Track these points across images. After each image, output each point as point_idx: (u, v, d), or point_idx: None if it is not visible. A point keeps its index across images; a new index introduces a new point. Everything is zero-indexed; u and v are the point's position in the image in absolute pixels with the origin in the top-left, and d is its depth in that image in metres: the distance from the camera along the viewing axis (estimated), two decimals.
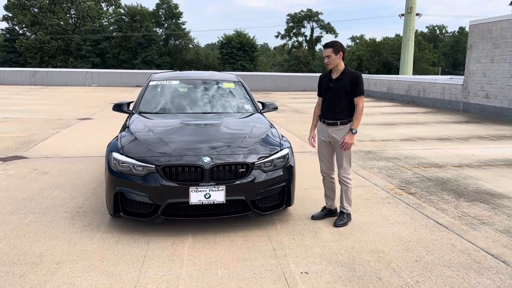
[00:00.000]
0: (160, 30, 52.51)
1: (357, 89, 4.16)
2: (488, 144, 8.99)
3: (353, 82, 4.15)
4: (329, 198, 4.49)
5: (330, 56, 4.16)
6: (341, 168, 4.30)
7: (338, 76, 4.23)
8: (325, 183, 4.51)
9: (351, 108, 4.22)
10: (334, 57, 4.16)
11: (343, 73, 4.22)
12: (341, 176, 4.32)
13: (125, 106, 5.56)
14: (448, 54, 73.14)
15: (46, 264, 3.35)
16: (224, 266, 3.38)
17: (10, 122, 10.90)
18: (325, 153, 4.42)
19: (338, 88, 4.20)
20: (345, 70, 4.24)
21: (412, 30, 35.56)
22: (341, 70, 4.24)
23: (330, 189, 4.48)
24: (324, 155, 4.42)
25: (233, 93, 5.89)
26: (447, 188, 5.63)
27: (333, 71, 4.29)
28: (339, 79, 4.21)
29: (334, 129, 4.25)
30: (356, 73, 4.23)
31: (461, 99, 15.32)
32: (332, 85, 4.25)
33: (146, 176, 3.82)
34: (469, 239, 3.98)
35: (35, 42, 46.47)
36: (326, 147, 4.39)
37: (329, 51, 4.15)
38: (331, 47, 4.17)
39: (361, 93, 4.18)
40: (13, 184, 5.49)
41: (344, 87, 4.17)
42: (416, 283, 3.15)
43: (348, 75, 4.19)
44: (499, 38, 13.44)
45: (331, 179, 4.47)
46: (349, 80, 4.16)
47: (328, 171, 4.45)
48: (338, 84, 4.21)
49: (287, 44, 61.73)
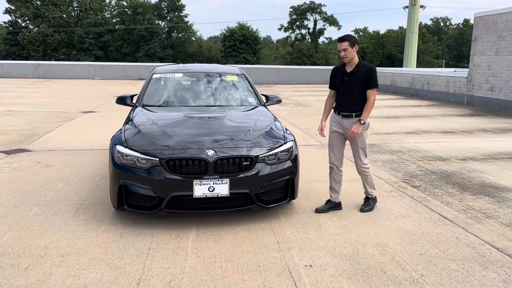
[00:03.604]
0: (162, 22, 52.36)
1: (371, 81, 4.21)
2: (492, 137, 8.94)
3: (367, 75, 4.19)
4: (334, 191, 4.49)
5: (347, 49, 4.17)
6: (358, 160, 4.42)
7: (353, 69, 4.26)
8: (332, 175, 4.50)
9: (365, 100, 4.27)
10: (350, 50, 4.18)
11: (357, 66, 4.25)
12: (359, 167, 4.44)
13: (129, 99, 5.55)
14: (452, 46, 72.67)
15: (51, 256, 3.36)
16: (228, 259, 3.38)
17: (14, 115, 10.91)
18: (336, 144, 4.45)
19: (353, 82, 4.24)
20: (360, 63, 4.27)
21: (416, 23, 35.23)
22: (355, 63, 4.26)
23: (337, 181, 4.48)
24: (335, 146, 4.45)
25: (237, 86, 5.86)
26: (451, 182, 5.61)
27: (348, 64, 4.30)
28: (354, 73, 4.24)
29: (349, 121, 4.31)
30: (370, 66, 4.27)
31: (466, 92, 15.23)
32: (347, 78, 4.28)
33: (150, 169, 3.81)
34: (474, 232, 3.96)
35: (38, 35, 46.42)
36: (338, 138, 4.43)
37: (346, 44, 4.16)
38: (348, 40, 4.18)
39: (374, 86, 4.23)
40: (17, 177, 5.50)
41: (360, 80, 4.21)
42: (420, 277, 3.14)
43: (363, 68, 4.22)
44: (504, 30, 13.32)
45: (339, 171, 4.48)
46: (364, 73, 4.20)
47: (337, 162, 4.46)
48: (353, 78, 4.24)
49: (290, 36, 61.46)
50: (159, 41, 48.56)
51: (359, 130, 4.23)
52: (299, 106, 14.34)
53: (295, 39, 60.65)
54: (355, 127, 4.22)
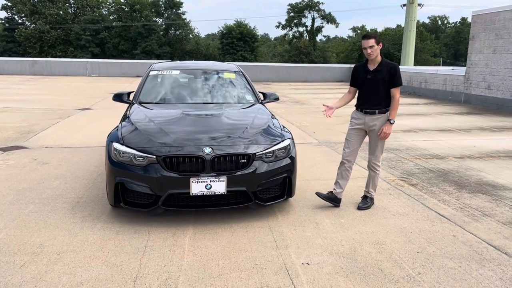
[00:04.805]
0: (160, 20, 52.20)
1: (395, 80, 4.22)
2: (489, 135, 8.96)
3: (391, 74, 4.20)
4: (339, 186, 4.48)
5: (373, 46, 4.16)
6: (373, 156, 4.43)
7: (376, 67, 4.25)
8: (341, 170, 4.49)
9: (389, 98, 4.28)
10: (376, 47, 4.18)
11: (380, 64, 4.25)
12: (372, 163, 4.45)
13: (125, 96, 5.52)
14: (450, 45, 72.79)
15: (47, 254, 3.34)
16: (225, 257, 3.37)
17: (10, 112, 10.85)
18: (354, 140, 4.44)
19: (377, 80, 4.24)
20: (383, 61, 4.27)
21: (414, 21, 35.26)
22: (379, 61, 4.26)
23: (344, 178, 4.48)
24: (352, 142, 4.44)
25: (234, 83, 5.84)
26: (448, 180, 5.61)
27: (370, 62, 4.30)
28: (378, 71, 4.24)
29: (373, 117, 4.32)
30: (394, 64, 4.27)
31: (463, 90, 15.25)
32: (370, 77, 4.28)
33: (147, 167, 3.79)
34: (471, 230, 3.97)
35: (35, 31, 46.21)
36: (358, 134, 4.44)
37: (372, 41, 4.16)
38: (374, 37, 4.19)
39: (399, 84, 4.25)
40: (13, 174, 5.47)
41: (383, 78, 4.21)
42: (418, 275, 3.14)
43: (386, 66, 4.23)
44: (502, 29, 13.33)
45: (350, 168, 4.48)
46: (388, 71, 4.20)
47: (350, 157, 4.45)
48: (376, 76, 4.24)
49: (288, 34, 61.36)
50: (157, 38, 48.43)
51: (390, 130, 4.27)
52: (296, 104, 14.32)
53: (293, 36, 60.59)
54: (386, 127, 4.25)
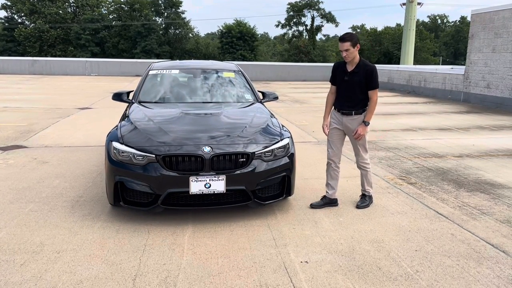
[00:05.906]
0: (159, 19, 52.13)
1: (371, 83, 4.20)
2: (488, 134, 8.97)
3: (367, 76, 4.18)
4: (331, 187, 4.50)
5: (348, 49, 4.13)
6: (359, 156, 4.46)
7: (353, 69, 4.24)
8: (329, 171, 4.51)
9: (366, 99, 4.28)
10: (352, 50, 4.15)
11: (358, 66, 4.22)
12: (359, 163, 4.48)
13: (125, 96, 5.53)
14: (449, 44, 72.79)
15: (47, 253, 3.36)
16: (224, 255, 3.39)
17: (10, 111, 10.86)
18: (335, 139, 4.46)
19: (353, 81, 4.24)
20: (360, 62, 4.24)
21: (413, 20, 35.24)
22: (356, 63, 4.24)
23: (333, 178, 4.50)
24: (334, 142, 4.46)
25: (233, 82, 5.85)
26: (447, 178, 5.63)
27: (348, 63, 4.28)
28: (354, 73, 4.23)
29: (349, 118, 4.33)
30: (371, 66, 4.23)
31: (462, 89, 15.27)
32: (347, 78, 4.27)
33: (146, 166, 3.81)
34: (469, 229, 3.98)
35: (34, 31, 46.15)
36: (338, 134, 4.45)
37: (348, 44, 4.12)
38: (350, 40, 4.13)
39: (375, 87, 4.22)
40: (13, 173, 5.48)
41: (359, 80, 4.20)
42: (416, 273, 3.16)
43: (363, 68, 4.20)
44: (501, 28, 13.34)
45: (337, 167, 4.50)
46: (364, 73, 4.18)
47: (335, 157, 4.48)
48: (353, 78, 4.23)
49: (287, 33, 61.27)
50: (156, 38, 48.38)
51: (364, 132, 4.27)
52: (296, 103, 14.33)
53: (293, 36, 60.49)
54: (360, 129, 4.24)
